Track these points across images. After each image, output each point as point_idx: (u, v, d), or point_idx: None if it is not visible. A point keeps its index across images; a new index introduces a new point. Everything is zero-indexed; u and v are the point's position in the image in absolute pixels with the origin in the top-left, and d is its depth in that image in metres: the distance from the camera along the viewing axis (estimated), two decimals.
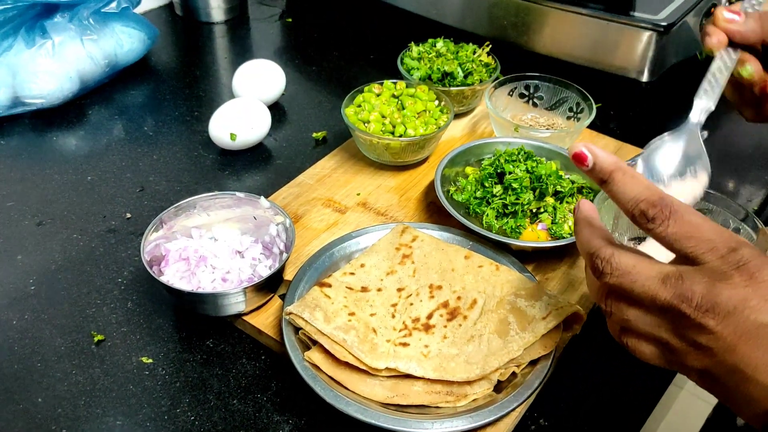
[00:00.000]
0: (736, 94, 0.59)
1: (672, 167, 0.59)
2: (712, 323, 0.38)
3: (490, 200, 0.70)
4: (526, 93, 0.87)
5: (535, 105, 0.87)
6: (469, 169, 0.76)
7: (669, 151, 0.59)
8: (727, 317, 0.38)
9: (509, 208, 0.69)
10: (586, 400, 0.56)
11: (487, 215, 0.69)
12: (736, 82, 0.57)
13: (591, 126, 0.80)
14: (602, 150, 0.44)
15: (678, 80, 0.74)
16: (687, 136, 0.59)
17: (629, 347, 0.43)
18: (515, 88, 0.86)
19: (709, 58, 0.56)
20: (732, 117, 0.94)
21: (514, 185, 0.70)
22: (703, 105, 0.58)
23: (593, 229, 0.45)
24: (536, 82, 0.86)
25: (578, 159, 0.44)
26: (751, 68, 0.55)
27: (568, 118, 0.84)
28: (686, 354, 0.40)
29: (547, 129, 0.84)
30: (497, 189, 0.70)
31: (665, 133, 0.59)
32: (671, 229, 0.40)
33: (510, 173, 0.72)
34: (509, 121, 0.80)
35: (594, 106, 0.79)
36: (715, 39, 0.55)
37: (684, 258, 0.40)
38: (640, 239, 0.63)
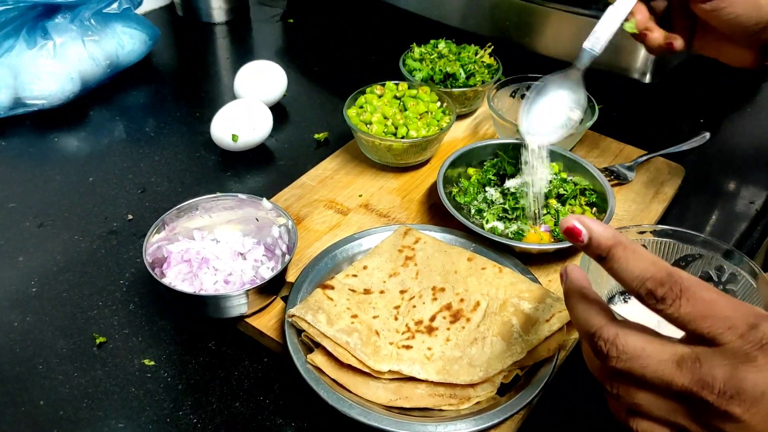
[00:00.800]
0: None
1: (555, 104, 0.68)
2: (739, 411, 0.35)
3: (490, 205, 0.70)
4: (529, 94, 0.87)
5: None
6: (471, 170, 0.76)
7: (554, 89, 0.68)
8: (754, 404, 0.35)
9: (510, 213, 0.69)
10: (589, 404, 0.56)
11: (487, 220, 0.69)
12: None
13: (593, 127, 0.80)
14: (597, 222, 0.39)
15: (680, 81, 0.74)
16: (571, 78, 0.67)
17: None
18: (517, 89, 0.86)
19: (608, 4, 0.63)
20: (733, 119, 0.94)
21: (513, 190, 0.70)
22: (588, 50, 0.65)
23: (589, 303, 0.40)
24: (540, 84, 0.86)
25: (571, 235, 0.40)
26: (633, 22, 0.63)
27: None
28: None
29: None
30: (496, 195, 0.70)
31: (552, 74, 0.68)
32: (684, 309, 0.36)
33: (511, 176, 0.72)
34: (511, 122, 0.80)
35: (596, 107, 0.79)
36: None
37: (699, 338, 0.37)
38: None
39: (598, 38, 0.64)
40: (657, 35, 0.64)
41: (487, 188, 0.72)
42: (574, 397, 0.56)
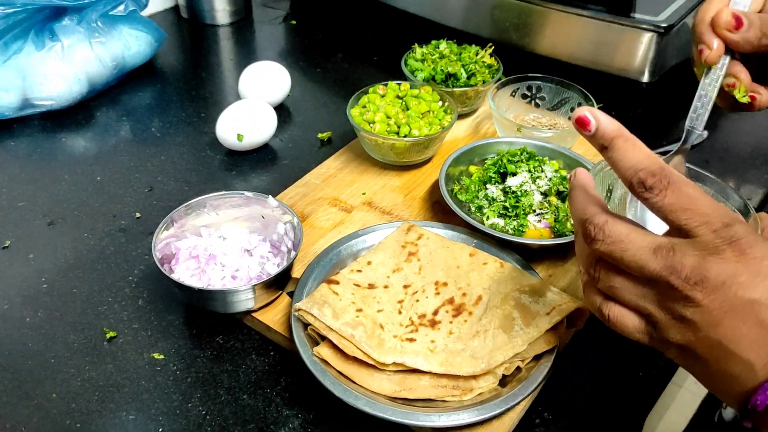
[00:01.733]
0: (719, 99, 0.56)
1: None
2: (700, 296, 0.38)
3: (491, 203, 0.71)
4: (529, 94, 0.88)
5: (537, 105, 0.88)
6: (472, 168, 0.77)
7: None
8: (714, 291, 0.38)
9: (510, 211, 0.70)
10: (589, 394, 0.58)
11: (488, 217, 0.70)
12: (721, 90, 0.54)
13: None
14: (604, 115, 0.43)
15: (678, 81, 0.75)
16: (677, 160, 0.56)
17: (610, 319, 0.43)
18: (518, 89, 0.87)
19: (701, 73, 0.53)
20: (731, 117, 0.95)
21: (514, 188, 0.71)
22: (694, 131, 0.55)
23: (588, 196, 0.44)
24: (538, 82, 0.87)
25: (581, 123, 0.43)
26: (742, 88, 0.53)
27: (570, 118, 0.85)
28: (669, 327, 0.40)
29: (549, 129, 0.85)
30: (497, 193, 0.72)
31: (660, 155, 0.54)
32: (668, 200, 0.40)
33: (513, 175, 0.73)
34: (512, 121, 0.81)
35: (595, 107, 0.80)
36: (716, 52, 0.51)
37: (678, 230, 0.40)
38: None
39: (699, 115, 0.55)
40: (765, 95, 0.54)
41: (488, 186, 0.73)
42: (575, 389, 0.58)
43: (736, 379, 0.39)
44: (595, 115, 0.43)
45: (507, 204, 0.70)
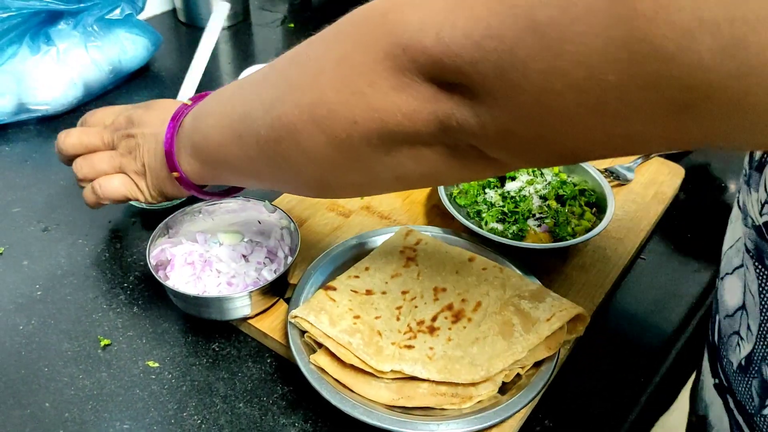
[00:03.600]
0: None
1: None
2: (135, 131, 0.61)
3: (489, 207, 0.70)
4: None
5: None
6: None
7: None
8: (140, 126, 0.61)
9: (509, 216, 0.69)
10: (590, 401, 0.57)
11: (486, 222, 0.69)
12: None
13: None
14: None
15: None
16: None
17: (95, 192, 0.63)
18: None
19: None
20: None
21: (513, 193, 0.70)
22: None
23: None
24: None
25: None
26: None
27: None
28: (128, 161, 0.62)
29: None
30: (496, 198, 0.71)
31: None
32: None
33: (512, 179, 0.72)
34: None
35: None
36: None
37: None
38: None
39: None
40: None
41: (486, 190, 0.72)
42: (576, 396, 0.57)
43: (152, 150, 0.60)
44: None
45: (506, 209, 0.70)
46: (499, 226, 0.69)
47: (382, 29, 0.37)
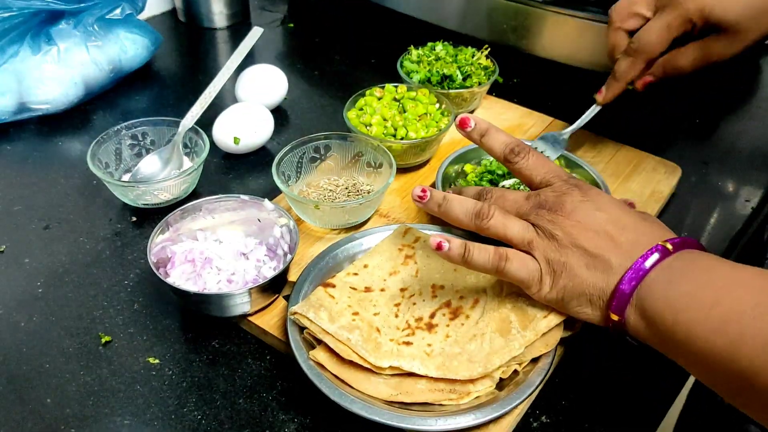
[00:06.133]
0: None
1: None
2: (561, 218, 0.54)
3: None
4: (317, 156, 0.76)
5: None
6: (468, 167, 0.77)
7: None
8: (570, 215, 0.54)
9: None
10: (587, 397, 0.57)
11: None
12: None
13: (589, 127, 0.81)
14: (476, 116, 0.61)
15: (676, 81, 0.75)
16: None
17: (491, 222, 0.56)
18: (303, 153, 0.74)
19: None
20: (729, 119, 0.95)
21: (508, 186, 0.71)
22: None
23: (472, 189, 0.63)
24: (326, 141, 0.75)
25: (463, 123, 0.61)
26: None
27: (368, 174, 0.76)
28: (544, 247, 0.54)
29: (351, 195, 0.73)
30: None
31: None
32: (531, 161, 0.59)
33: (504, 176, 0.73)
34: (305, 199, 0.71)
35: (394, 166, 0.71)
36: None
37: (538, 185, 0.58)
38: None
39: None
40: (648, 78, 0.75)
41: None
42: (573, 392, 0.57)
43: (601, 278, 0.51)
44: (472, 117, 0.60)
45: None
46: None
47: None
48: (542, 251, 0.54)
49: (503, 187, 0.72)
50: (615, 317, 0.51)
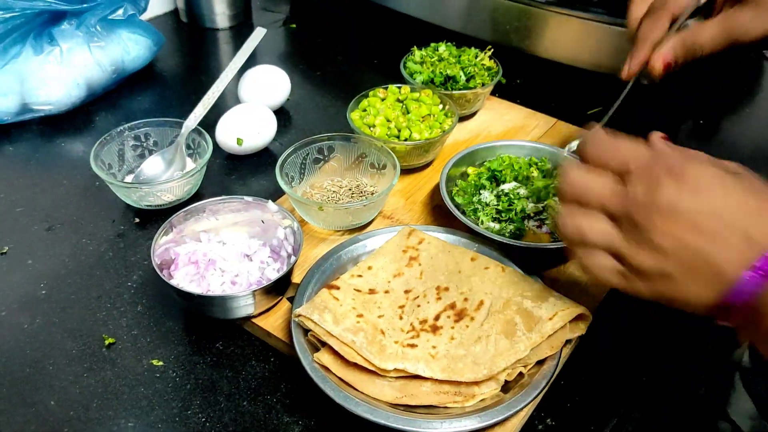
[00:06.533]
0: None
1: None
2: (659, 222, 0.43)
3: (483, 207, 0.71)
4: (321, 157, 0.76)
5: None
6: (470, 169, 0.76)
7: None
8: (669, 216, 0.43)
9: (503, 215, 0.69)
10: (593, 400, 0.57)
11: (482, 222, 0.69)
12: None
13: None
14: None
15: (678, 81, 0.75)
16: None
17: (590, 263, 0.48)
18: (307, 154, 0.75)
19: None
20: (732, 119, 0.95)
21: (507, 191, 0.71)
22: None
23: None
24: (329, 143, 0.75)
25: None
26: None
27: (372, 175, 0.76)
28: (639, 257, 0.45)
29: (355, 196, 0.74)
30: (491, 198, 0.71)
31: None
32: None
33: (503, 179, 0.73)
34: (309, 201, 0.71)
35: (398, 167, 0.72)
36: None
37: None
38: None
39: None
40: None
41: (482, 191, 0.72)
42: (579, 394, 0.57)
43: (709, 283, 0.43)
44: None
45: (500, 207, 0.70)
46: (496, 225, 0.69)
47: None
48: (637, 262, 0.46)
49: (502, 191, 0.72)
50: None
